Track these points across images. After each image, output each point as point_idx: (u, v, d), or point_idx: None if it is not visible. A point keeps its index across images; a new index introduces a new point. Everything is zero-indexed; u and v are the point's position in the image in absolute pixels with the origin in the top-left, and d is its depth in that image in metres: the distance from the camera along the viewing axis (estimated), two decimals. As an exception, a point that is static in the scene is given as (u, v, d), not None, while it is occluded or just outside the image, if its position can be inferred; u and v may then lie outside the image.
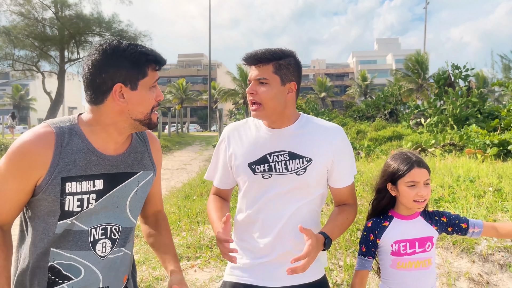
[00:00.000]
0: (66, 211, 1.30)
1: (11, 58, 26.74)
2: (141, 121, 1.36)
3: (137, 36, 27.81)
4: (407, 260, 1.81)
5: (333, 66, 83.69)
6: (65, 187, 1.28)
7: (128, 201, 1.43)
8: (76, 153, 1.31)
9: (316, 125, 1.69)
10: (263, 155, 1.64)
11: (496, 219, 4.23)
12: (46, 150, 1.27)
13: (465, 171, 6.30)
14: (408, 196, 1.79)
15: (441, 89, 16.25)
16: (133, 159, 1.45)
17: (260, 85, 1.58)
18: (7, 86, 68.85)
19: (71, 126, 1.33)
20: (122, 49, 1.29)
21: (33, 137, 1.27)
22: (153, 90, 1.36)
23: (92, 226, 1.35)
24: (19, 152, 1.26)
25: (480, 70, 41.40)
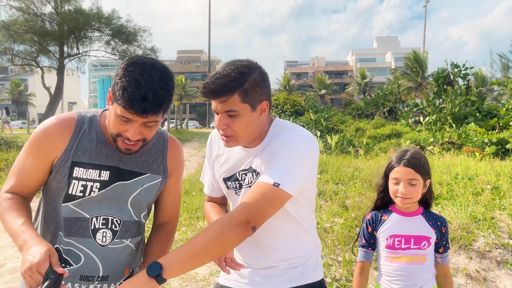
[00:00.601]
0: (69, 194, 1.37)
1: (10, 53, 26.66)
2: (110, 134, 1.37)
3: (137, 32, 27.74)
4: (400, 254, 1.86)
5: (333, 64, 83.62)
6: (72, 170, 1.36)
7: (130, 198, 1.45)
8: (90, 141, 1.39)
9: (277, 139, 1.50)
10: (234, 173, 1.59)
11: (493, 216, 4.27)
12: (64, 134, 1.38)
13: (463, 169, 6.34)
14: (392, 191, 1.87)
15: (440, 87, 16.30)
16: (144, 160, 1.48)
17: (229, 117, 1.40)
18: (6, 81, 68.63)
19: (92, 117, 1.44)
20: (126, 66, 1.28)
21: (56, 121, 1.40)
22: (122, 121, 1.28)
23: (93, 215, 1.39)
24: (41, 133, 1.38)
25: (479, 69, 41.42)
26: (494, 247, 3.78)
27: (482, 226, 4.06)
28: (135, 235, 1.50)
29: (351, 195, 5.34)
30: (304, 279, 1.59)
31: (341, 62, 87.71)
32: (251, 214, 1.31)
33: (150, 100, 1.22)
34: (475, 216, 4.24)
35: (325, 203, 5.31)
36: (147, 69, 1.25)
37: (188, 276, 3.68)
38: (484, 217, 4.22)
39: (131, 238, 1.48)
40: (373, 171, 6.56)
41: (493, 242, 3.82)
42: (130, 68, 1.26)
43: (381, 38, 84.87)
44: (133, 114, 1.24)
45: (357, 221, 4.44)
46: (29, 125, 29.00)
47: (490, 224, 4.10)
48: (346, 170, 6.85)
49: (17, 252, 4.79)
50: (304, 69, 78.70)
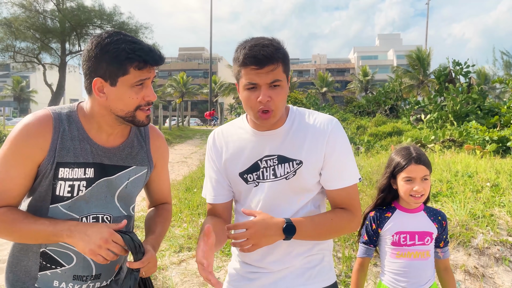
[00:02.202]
0: (57, 196, 1.32)
1: (12, 50, 26.66)
2: (123, 118, 1.33)
3: (138, 29, 27.71)
4: (406, 250, 1.89)
5: (334, 61, 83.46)
6: (58, 172, 1.30)
7: (117, 193, 1.43)
8: (72, 140, 1.33)
9: (307, 121, 1.49)
10: (254, 162, 1.48)
11: (492, 213, 4.30)
12: (47, 133, 1.29)
13: (463, 166, 6.36)
14: (405, 191, 1.87)
15: (442, 85, 16.29)
16: (127, 153, 1.45)
17: (272, 89, 1.36)
18: (8, 78, 68.71)
19: (69, 113, 1.36)
20: (107, 42, 1.25)
21: (34, 120, 1.29)
22: (137, 89, 1.30)
23: (83, 215, 1.36)
24: (22, 135, 1.27)
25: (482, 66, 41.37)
26: (492, 243, 3.81)
27: (481, 223, 4.08)
28: (125, 229, 1.45)
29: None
30: (323, 280, 1.51)
31: (343, 59, 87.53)
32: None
33: (157, 52, 1.30)
34: (475, 213, 4.26)
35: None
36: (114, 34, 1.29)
37: (189, 272, 3.72)
38: (483, 214, 4.24)
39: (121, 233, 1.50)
40: (374, 168, 6.58)
41: (491, 239, 3.84)
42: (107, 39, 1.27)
43: (383, 36, 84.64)
44: (149, 69, 1.29)
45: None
46: (31, 122, 29.06)
47: (489, 221, 4.13)
48: (346, 168, 6.86)
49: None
50: (305, 67, 78.55)
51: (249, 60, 1.33)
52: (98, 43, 1.26)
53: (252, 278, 1.52)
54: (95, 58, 1.26)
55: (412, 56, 33.63)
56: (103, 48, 1.25)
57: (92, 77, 1.28)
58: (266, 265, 1.50)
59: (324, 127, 1.47)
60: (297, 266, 1.49)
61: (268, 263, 1.49)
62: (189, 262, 3.94)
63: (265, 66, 1.32)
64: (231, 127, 1.58)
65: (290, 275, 1.49)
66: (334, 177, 1.47)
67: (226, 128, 1.59)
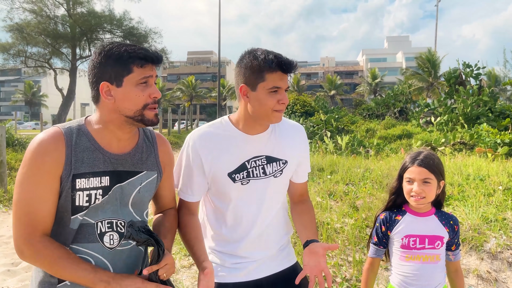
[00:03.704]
0: (77, 206, 1.36)
1: (24, 55, 27.05)
2: (132, 117, 1.38)
3: (148, 33, 27.94)
4: (416, 254, 1.88)
5: (343, 64, 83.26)
6: (75, 183, 1.34)
7: (131, 198, 1.47)
8: (84, 151, 1.37)
9: (283, 125, 1.73)
10: (241, 163, 1.63)
11: (505, 217, 4.25)
12: (60, 147, 1.33)
13: (475, 169, 6.29)
14: (406, 191, 1.90)
15: (452, 87, 16.15)
16: (138, 158, 1.49)
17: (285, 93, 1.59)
18: (20, 83, 69.65)
19: (78, 127, 1.40)
20: (109, 48, 1.34)
21: (46, 136, 1.34)
22: (143, 87, 1.36)
23: (98, 220, 1.40)
24: (39, 153, 1.31)
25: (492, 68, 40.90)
26: (505, 248, 3.77)
27: (493, 227, 4.04)
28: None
29: (361, 196, 5.34)
30: (290, 260, 1.82)
31: (352, 62, 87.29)
32: None
33: (156, 52, 1.38)
34: (487, 217, 4.22)
35: (335, 203, 5.32)
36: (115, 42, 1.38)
37: (194, 277, 3.72)
38: (496, 218, 4.19)
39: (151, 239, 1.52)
40: (384, 172, 6.55)
41: (504, 243, 3.80)
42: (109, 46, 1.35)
43: (392, 38, 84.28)
44: (151, 67, 1.37)
45: (367, 221, 4.45)
46: (42, 126, 29.40)
47: (502, 225, 4.08)
48: (356, 171, 6.85)
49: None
50: (314, 69, 78.46)
51: (279, 66, 1.50)
52: (101, 51, 1.34)
53: (239, 268, 1.71)
54: (100, 64, 1.34)
55: (422, 57, 33.39)
56: (106, 54, 1.33)
57: (99, 83, 1.35)
58: (255, 256, 1.71)
59: (298, 130, 1.79)
60: (273, 252, 1.76)
61: (257, 254, 1.72)
62: (193, 268, 3.95)
63: (289, 73, 1.54)
64: (213, 130, 1.67)
65: (268, 260, 1.74)
66: (304, 172, 1.83)
67: (206, 130, 1.67)
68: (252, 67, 1.52)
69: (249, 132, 1.64)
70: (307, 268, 1.55)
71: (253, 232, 1.70)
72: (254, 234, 1.70)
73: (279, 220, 1.79)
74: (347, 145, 11.46)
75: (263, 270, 1.73)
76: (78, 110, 50.23)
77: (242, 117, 1.64)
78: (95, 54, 1.35)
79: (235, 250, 1.71)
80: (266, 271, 1.74)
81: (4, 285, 3.99)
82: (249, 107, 1.58)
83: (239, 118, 1.66)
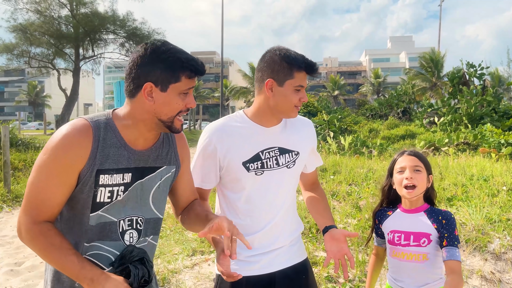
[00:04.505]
0: (97, 203, 1.36)
1: (27, 55, 27.18)
2: (164, 122, 1.39)
3: (151, 34, 28.03)
4: (400, 250, 1.88)
5: (346, 64, 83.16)
6: (98, 179, 1.34)
7: (151, 193, 1.48)
8: (110, 147, 1.37)
9: (294, 120, 1.83)
10: (256, 153, 1.70)
11: (509, 218, 4.23)
12: (86, 142, 1.32)
13: (478, 170, 6.27)
14: (398, 181, 1.91)
15: (456, 87, 16.11)
16: (158, 154, 1.50)
17: None
18: (23, 83, 69.97)
19: (106, 121, 1.39)
20: (162, 51, 1.33)
21: (73, 129, 1.32)
22: (183, 96, 1.38)
23: (121, 218, 1.41)
24: (62, 145, 1.30)
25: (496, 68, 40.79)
26: (509, 248, 3.75)
27: (497, 228, 4.02)
28: (155, 232, 1.53)
29: (364, 196, 5.33)
30: (301, 255, 1.86)
31: (355, 62, 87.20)
32: None
33: (203, 65, 1.40)
34: (491, 218, 4.20)
35: (338, 204, 5.31)
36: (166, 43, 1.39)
37: (202, 275, 3.73)
38: (500, 219, 4.17)
39: (153, 235, 1.52)
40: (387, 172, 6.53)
41: (508, 244, 3.78)
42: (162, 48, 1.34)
43: (395, 38, 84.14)
44: (194, 79, 1.39)
45: (370, 222, 4.43)
46: (45, 127, 29.51)
47: (506, 226, 4.06)
48: (359, 171, 6.84)
49: (35, 251, 4.90)
50: (317, 70, 78.21)
51: (308, 67, 1.63)
52: (154, 50, 1.33)
53: (252, 261, 1.73)
54: (149, 64, 1.32)
55: (426, 57, 33.30)
56: (159, 56, 1.32)
57: (142, 82, 1.33)
58: (268, 248, 1.74)
59: (308, 124, 1.90)
60: (285, 246, 1.79)
61: (270, 246, 1.75)
62: (202, 266, 3.96)
63: (314, 74, 1.68)
64: (229, 122, 1.74)
65: (280, 253, 1.77)
66: (314, 162, 1.95)
67: (222, 122, 1.74)
68: (282, 64, 1.62)
69: (264, 124, 1.72)
70: (331, 253, 1.66)
71: (267, 224, 1.75)
72: (268, 225, 1.74)
73: (290, 215, 1.84)
74: (350, 145, 11.44)
75: (276, 264, 1.76)
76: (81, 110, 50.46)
77: (260, 109, 1.71)
78: (144, 50, 1.34)
79: (250, 242, 1.69)
80: (279, 265, 1.77)
81: (7, 285, 4.00)
82: (272, 101, 1.66)
83: (255, 110, 1.73)
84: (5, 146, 8.09)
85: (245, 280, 1.69)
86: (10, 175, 8.31)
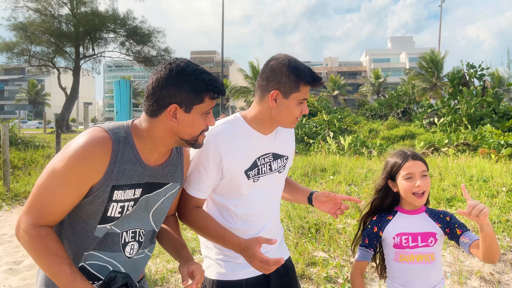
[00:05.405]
0: (108, 217, 1.35)
1: (28, 54, 27.18)
2: (187, 141, 1.41)
3: (151, 33, 28.01)
4: (409, 253, 1.83)
5: (346, 64, 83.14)
6: (112, 194, 1.33)
7: (153, 208, 1.48)
8: (127, 163, 1.35)
9: (286, 131, 1.87)
10: (254, 160, 1.71)
11: (508, 219, 4.23)
12: (105, 157, 1.30)
13: (478, 171, 6.27)
14: (406, 188, 1.84)
15: (456, 88, 16.10)
16: (168, 170, 1.50)
17: None
18: (23, 82, 69.94)
19: (125, 135, 1.38)
20: (188, 72, 1.33)
21: (93, 141, 1.29)
22: (205, 116, 1.40)
23: (124, 229, 1.41)
24: (80, 155, 1.27)
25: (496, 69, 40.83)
26: (508, 249, 3.75)
27: (497, 229, 4.02)
28: (152, 243, 1.55)
29: (364, 197, 5.33)
30: (287, 252, 1.97)
31: (355, 62, 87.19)
32: None
33: (222, 84, 1.42)
34: (490, 219, 4.20)
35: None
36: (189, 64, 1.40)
37: (201, 275, 3.72)
38: (499, 220, 4.17)
39: (149, 247, 1.53)
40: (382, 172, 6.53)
41: (508, 245, 3.78)
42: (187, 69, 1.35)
43: (396, 38, 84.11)
44: (215, 99, 1.42)
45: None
46: (45, 125, 29.49)
47: (505, 227, 4.06)
48: (359, 171, 6.84)
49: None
50: (317, 70, 78.06)
51: (315, 81, 1.63)
52: (179, 72, 1.33)
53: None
54: (175, 85, 1.32)
55: (426, 58, 33.30)
56: (186, 77, 1.32)
57: (167, 103, 1.32)
58: (265, 250, 1.75)
59: (291, 129, 1.92)
60: (277, 245, 1.84)
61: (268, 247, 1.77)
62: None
63: (317, 88, 1.72)
64: (230, 127, 1.69)
65: (273, 253, 1.82)
66: (290, 164, 1.97)
67: (224, 127, 1.68)
68: (290, 76, 1.59)
69: (262, 132, 1.72)
70: (331, 210, 1.87)
71: (263, 227, 1.78)
72: (264, 229, 1.78)
73: (278, 214, 1.92)
74: (350, 145, 11.44)
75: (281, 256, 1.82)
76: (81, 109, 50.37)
77: (260, 118, 1.69)
78: (169, 71, 1.32)
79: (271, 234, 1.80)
80: None
81: (6, 284, 4.00)
82: (274, 111, 1.65)
83: (255, 117, 1.70)
84: (4, 145, 8.09)
85: (244, 282, 1.73)
86: (10, 173, 8.31)
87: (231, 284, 1.72)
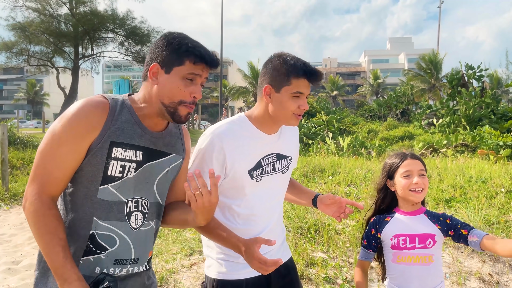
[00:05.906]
0: (108, 176, 1.36)
1: (26, 54, 27.11)
2: (166, 107, 1.40)
3: (150, 33, 27.99)
4: (406, 254, 1.83)
5: (345, 65, 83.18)
6: (111, 151, 1.35)
7: (157, 178, 1.49)
8: (125, 122, 1.40)
9: (285, 126, 1.83)
10: (258, 161, 1.71)
11: (507, 220, 4.23)
12: (101, 114, 1.35)
13: (477, 171, 6.28)
14: (403, 185, 1.85)
15: (454, 89, 16.10)
16: (168, 140, 1.53)
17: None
18: (22, 81, 69.80)
19: (122, 100, 1.44)
20: (173, 37, 1.40)
21: (90, 101, 1.37)
22: (187, 83, 1.40)
23: (129, 198, 1.42)
24: (76, 115, 1.33)
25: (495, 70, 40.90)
26: (508, 251, 3.75)
27: (495, 230, 4.03)
28: (158, 217, 1.54)
29: (363, 197, 5.33)
30: (288, 252, 1.95)
31: (354, 63, 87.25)
32: None
33: (214, 56, 1.43)
34: (489, 220, 4.21)
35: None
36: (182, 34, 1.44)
37: (200, 275, 3.72)
38: (498, 221, 4.18)
39: (155, 219, 1.53)
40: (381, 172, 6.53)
41: (507, 246, 3.78)
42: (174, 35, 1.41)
43: (394, 39, 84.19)
44: (203, 67, 1.41)
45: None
46: (44, 125, 29.44)
47: (504, 228, 4.07)
48: (358, 172, 6.84)
49: (33, 249, 4.90)
50: (316, 70, 78.19)
51: (308, 74, 1.59)
52: (166, 37, 1.42)
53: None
54: (159, 47, 1.40)
55: (425, 59, 33.32)
56: (169, 41, 1.39)
57: (151, 63, 1.41)
58: (266, 250, 1.75)
59: (296, 129, 1.93)
60: (278, 244, 1.85)
61: (269, 247, 1.77)
62: (200, 266, 3.95)
63: (314, 83, 1.63)
64: (234, 127, 1.69)
65: (274, 253, 1.81)
66: (295, 165, 1.94)
67: (229, 127, 1.68)
68: (280, 69, 1.60)
69: (266, 131, 1.72)
70: (335, 214, 1.88)
71: (265, 228, 1.77)
72: (265, 229, 1.77)
73: (281, 215, 1.91)
74: (349, 146, 11.45)
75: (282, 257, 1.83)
76: (80, 109, 50.20)
77: (262, 117, 1.70)
78: (160, 37, 1.43)
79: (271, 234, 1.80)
80: None
81: (4, 284, 3.99)
82: (270, 107, 1.66)
83: (259, 117, 1.71)
84: (3, 144, 8.07)
85: (245, 282, 1.72)
86: (8, 173, 8.29)
87: (232, 283, 1.72)
